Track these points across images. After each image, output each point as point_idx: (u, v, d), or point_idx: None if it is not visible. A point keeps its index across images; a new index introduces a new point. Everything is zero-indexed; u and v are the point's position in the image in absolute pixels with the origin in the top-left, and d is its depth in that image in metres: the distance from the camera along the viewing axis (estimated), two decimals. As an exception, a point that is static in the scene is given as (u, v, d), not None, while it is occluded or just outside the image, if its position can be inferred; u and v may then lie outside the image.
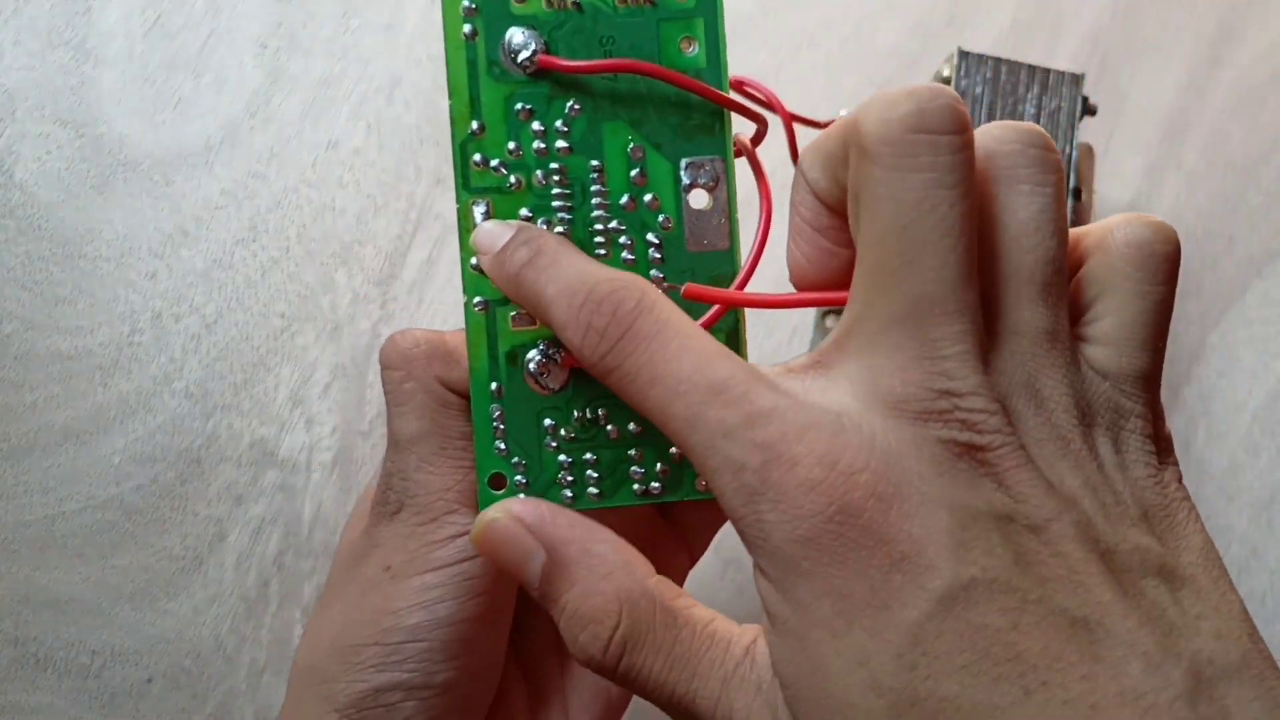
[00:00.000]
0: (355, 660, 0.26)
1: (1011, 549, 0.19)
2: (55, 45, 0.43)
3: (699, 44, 0.25)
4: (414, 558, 0.26)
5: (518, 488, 0.25)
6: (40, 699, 0.38)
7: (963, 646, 0.19)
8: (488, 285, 0.25)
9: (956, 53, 0.37)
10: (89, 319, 0.41)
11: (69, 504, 0.40)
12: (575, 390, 0.25)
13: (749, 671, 0.21)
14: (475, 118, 0.24)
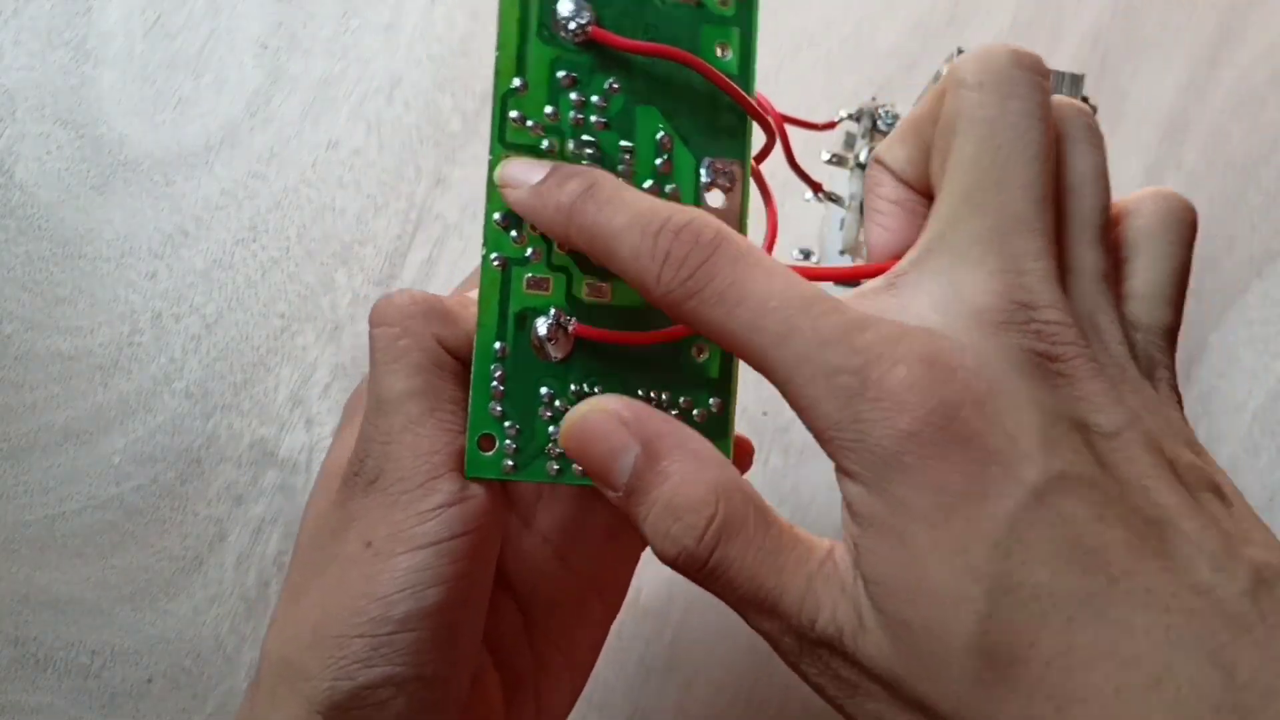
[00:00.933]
0: (339, 654, 0.24)
1: (1092, 450, 0.20)
2: (55, 45, 0.43)
3: (733, 51, 0.26)
4: (398, 532, 0.25)
5: (506, 452, 0.25)
6: (40, 699, 0.38)
7: (1053, 536, 0.20)
8: (508, 242, 0.25)
9: (956, 53, 0.37)
10: (89, 319, 0.41)
11: (69, 504, 0.40)
12: (577, 363, 0.25)
13: (833, 571, 0.22)
14: (519, 74, 0.25)
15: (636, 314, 0.26)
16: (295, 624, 0.26)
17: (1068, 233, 0.23)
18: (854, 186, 0.38)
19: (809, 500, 0.42)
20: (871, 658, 0.21)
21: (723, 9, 0.26)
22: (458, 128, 0.44)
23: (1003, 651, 0.20)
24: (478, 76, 0.45)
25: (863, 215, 0.38)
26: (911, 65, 0.46)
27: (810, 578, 0.22)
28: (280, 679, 0.25)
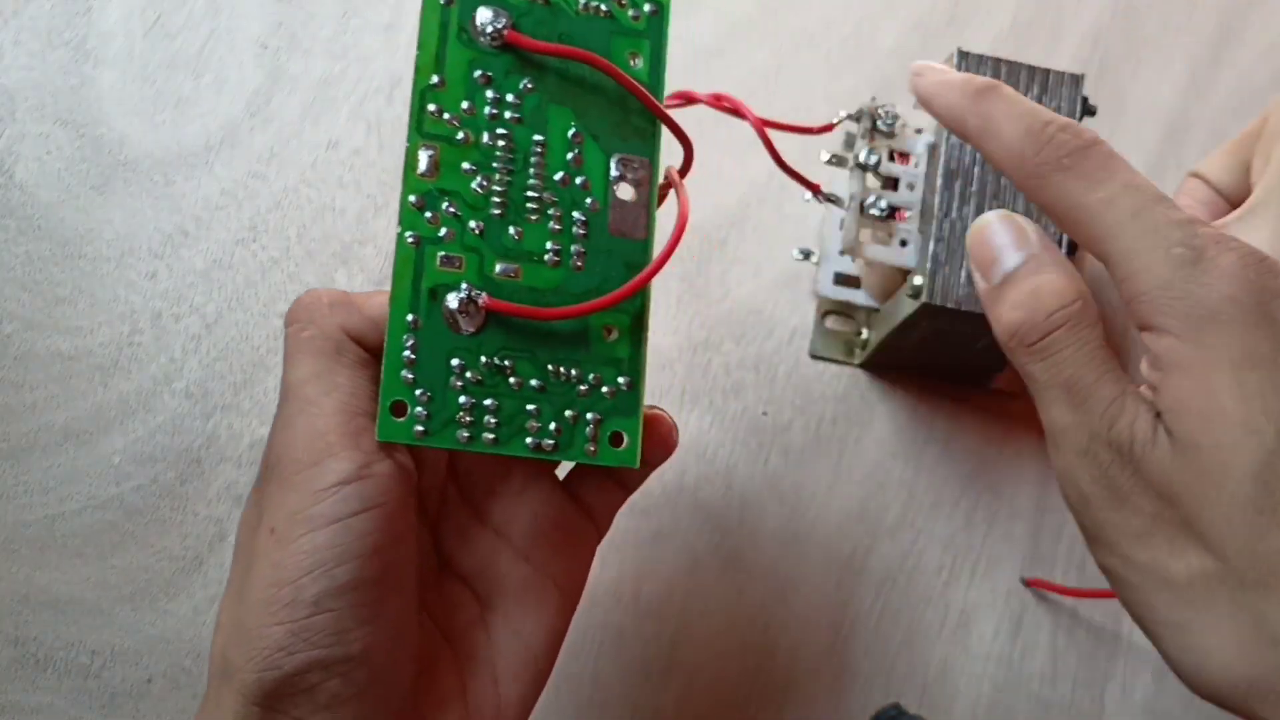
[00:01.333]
0: (262, 645, 0.24)
1: None
2: (55, 45, 0.43)
3: (644, 60, 0.28)
4: (296, 513, 0.25)
5: (417, 419, 0.26)
6: (40, 699, 0.38)
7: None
8: (423, 222, 0.26)
9: (956, 53, 0.37)
10: (89, 319, 0.41)
11: (69, 504, 0.40)
12: (488, 336, 0.27)
13: (1141, 395, 0.25)
14: (438, 72, 0.27)
15: (547, 294, 0.27)
16: (232, 623, 0.26)
17: None
18: (854, 186, 0.38)
19: (809, 500, 0.42)
20: (1156, 469, 0.24)
21: (634, 23, 0.28)
22: (458, 128, 0.44)
23: (1279, 484, 0.23)
24: (478, 76, 0.45)
25: (863, 215, 0.38)
26: (911, 65, 0.46)
27: (1124, 390, 0.25)
28: (220, 677, 0.26)
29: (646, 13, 0.28)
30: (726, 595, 0.42)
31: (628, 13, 0.28)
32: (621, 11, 0.28)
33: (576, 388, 0.27)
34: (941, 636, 0.42)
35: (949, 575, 0.42)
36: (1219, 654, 0.24)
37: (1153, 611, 0.25)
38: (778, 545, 0.42)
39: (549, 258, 0.28)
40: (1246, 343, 0.23)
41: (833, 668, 0.41)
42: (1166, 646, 0.25)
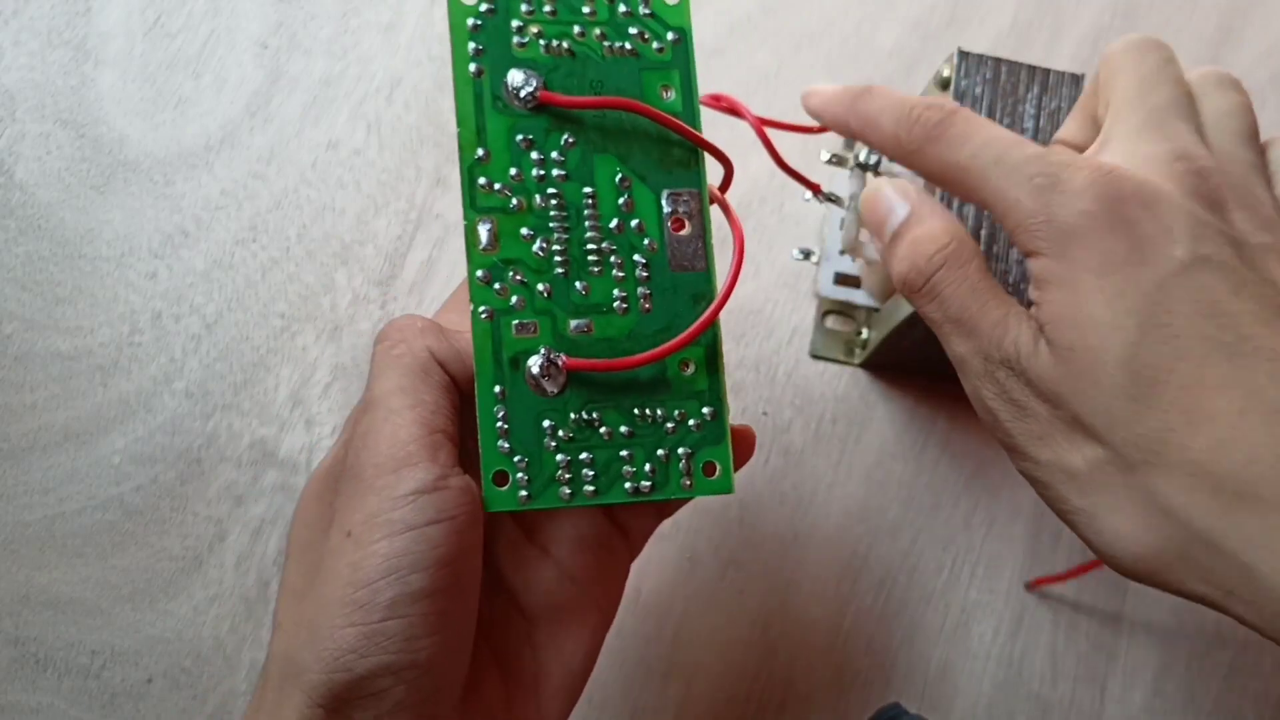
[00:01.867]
0: (333, 647, 0.25)
1: (1233, 248, 0.26)
2: (55, 45, 0.43)
3: (675, 91, 0.28)
4: (374, 517, 0.25)
5: (520, 484, 0.27)
6: (40, 699, 0.38)
7: (1194, 298, 0.25)
8: (492, 295, 0.27)
9: (956, 53, 0.37)
10: (89, 319, 0.41)
11: (69, 504, 0.40)
12: (572, 393, 0.27)
13: (1021, 313, 0.28)
14: (481, 145, 0.27)
15: (621, 341, 0.28)
16: (295, 622, 0.26)
17: (1210, 135, 0.29)
18: (854, 186, 0.38)
19: (809, 500, 0.42)
20: (1040, 376, 0.27)
21: (659, 55, 0.28)
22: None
23: (1146, 373, 0.25)
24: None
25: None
26: (911, 65, 0.46)
27: (1006, 313, 0.28)
28: (284, 676, 0.26)
29: (670, 41, 0.28)
30: (726, 595, 0.42)
31: (652, 46, 0.28)
32: (646, 46, 0.28)
33: (664, 426, 0.28)
34: (941, 636, 0.42)
35: (949, 575, 0.42)
36: (1125, 532, 0.26)
37: (1065, 503, 0.27)
38: (778, 545, 0.42)
39: (618, 305, 0.28)
40: (1104, 249, 0.26)
41: (833, 668, 0.41)
42: (1083, 533, 0.27)
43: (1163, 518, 0.25)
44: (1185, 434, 0.25)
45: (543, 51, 0.27)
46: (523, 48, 0.27)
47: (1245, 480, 0.24)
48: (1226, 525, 0.24)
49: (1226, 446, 0.24)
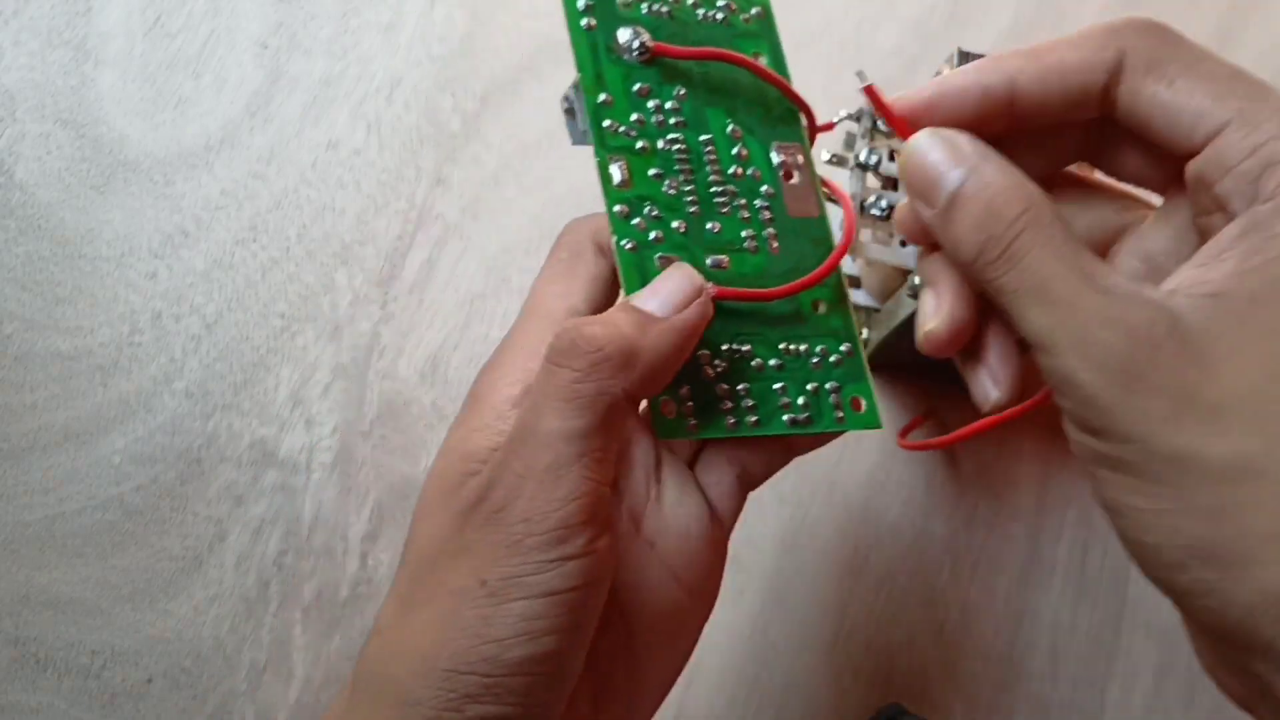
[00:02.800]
0: (451, 688, 0.24)
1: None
2: (55, 45, 0.43)
3: (766, 56, 0.30)
4: (517, 577, 0.24)
5: (685, 414, 0.27)
6: (40, 699, 0.38)
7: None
8: (633, 229, 0.28)
9: (956, 53, 0.37)
10: (89, 319, 0.41)
11: (69, 504, 0.40)
12: (720, 325, 0.28)
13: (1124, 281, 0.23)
14: (602, 90, 0.28)
15: (753, 279, 0.29)
16: (403, 643, 0.25)
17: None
18: (854, 186, 0.38)
19: (809, 500, 0.42)
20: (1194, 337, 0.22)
21: (746, 25, 0.30)
22: (458, 128, 0.44)
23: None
24: (478, 76, 0.45)
25: (864, 214, 0.38)
26: (911, 65, 0.46)
27: (1105, 294, 0.23)
28: (384, 696, 0.25)
29: (755, 15, 0.30)
30: (726, 595, 0.41)
31: (739, 17, 0.30)
32: (735, 17, 0.30)
33: (809, 361, 0.29)
34: (941, 636, 0.42)
35: (949, 575, 0.42)
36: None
37: (1195, 499, 0.22)
38: (778, 545, 0.42)
39: (748, 244, 0.29)
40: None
41: (833, 668, 0.41)
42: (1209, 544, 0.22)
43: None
44: None
45: (644, 13, 0.29)
46: (627, 8, 0.29)
47: None
48: None
49: None
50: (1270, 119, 0.22)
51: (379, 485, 0.41)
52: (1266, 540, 0.21)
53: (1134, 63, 0.24)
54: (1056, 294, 0.23)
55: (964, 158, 0.25)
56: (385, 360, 0.42)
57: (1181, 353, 0.22)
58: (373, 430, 0.41)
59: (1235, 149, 0.23)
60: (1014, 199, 0.25)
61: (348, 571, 0.41)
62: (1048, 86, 0.25)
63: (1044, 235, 0.24)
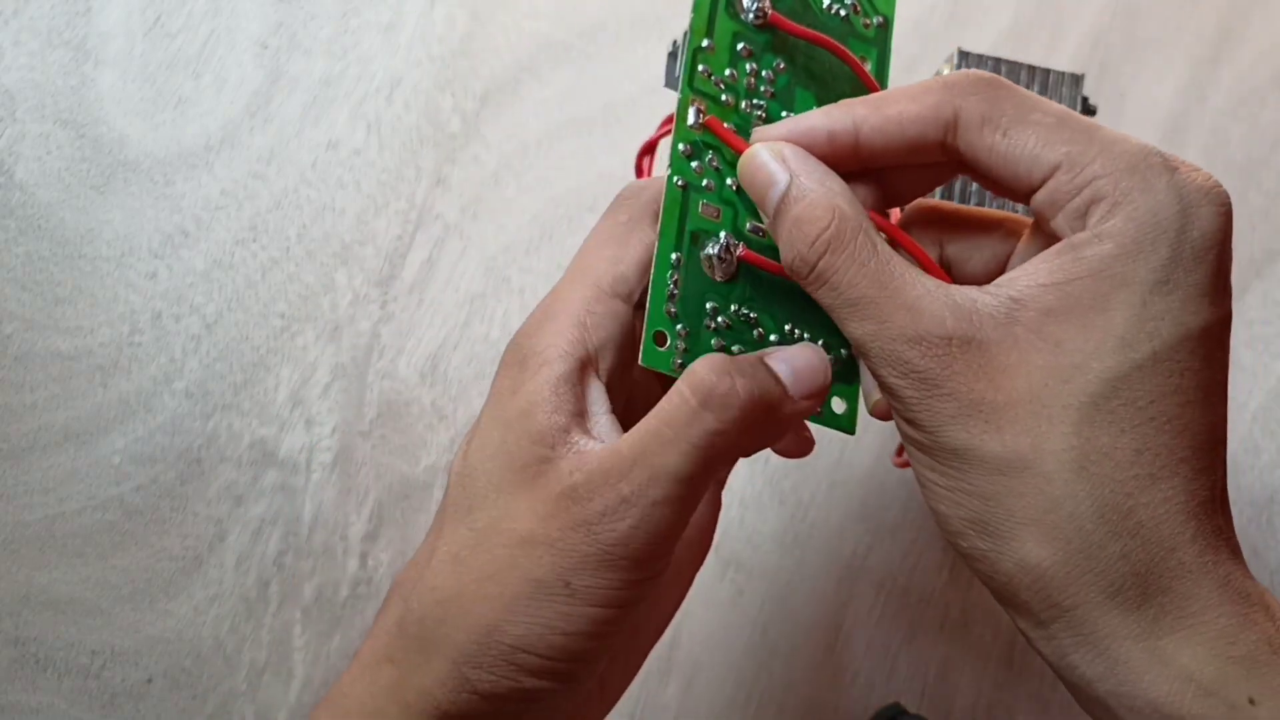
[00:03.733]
0: (513, 661, 0.26)
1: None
2: (55, 45, 0.43)
3: (871, 65, 0.31)
4: (601, 589, 0.25)
5: (675, 351, 0.28)
6: (40, 699, 0.38)
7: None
8: (690, 169, 0.28)
9: (956, 53, 0.37)
10: (89, 319, 0.41)
11: (69, 504, 0.40)
12: (738, 287, 0.28)
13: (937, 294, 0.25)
14: (709, 36, 0.29)
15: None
16: (462, 605, 0.26)
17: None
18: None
19: (809, 500, 0.42)
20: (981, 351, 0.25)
21: (865, 30, 0.30)
22: (458, 128, 0.44)
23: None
24: (478, 76, 0.45)
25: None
26: (911, 65, 0.46)
27: (917, 293, 0.25)
28: (439, 653, 0.26)
29: (876, 24, 0.31)
30: (726, 595, 0.42)
31: (861, 20, 0.30)
32: (857, 18, 0.30)
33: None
34: (941, 636, 0.42)
35: (949, 575, 0.42)
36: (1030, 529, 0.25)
37: (969, 492, 0.25)
38: (778, 545, 0.42)
39: None
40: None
41: (833, 668, 0.41)
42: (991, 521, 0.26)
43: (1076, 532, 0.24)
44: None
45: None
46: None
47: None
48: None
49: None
50: (1095, 160, 0.25)
51: (379, 485, 0.41)
52: (1026, 523, 0.24)
53: (969, 118, 0.26)
54: (865, 311, 0.26)
55: (785, 169, 0.27)
56: (385, 360, 0.42)
57: (972, 365, 0.25)
58: (373, 430, 0.41)
59: (1064, 189, 0.25)
60: (819, 215, 0.26)
61: (348, 571, 0.41)
62: (888, 137, 0.27)
63: (847, 254, 0.26)
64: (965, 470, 0.25)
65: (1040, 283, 0.25)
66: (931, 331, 0.25)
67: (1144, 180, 0.24)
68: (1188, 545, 0.24)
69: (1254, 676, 0.23)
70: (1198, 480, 0.24)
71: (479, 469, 0.27)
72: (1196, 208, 0.24)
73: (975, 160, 0.26)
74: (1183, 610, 0.24)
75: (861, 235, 0.26)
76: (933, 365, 0.25)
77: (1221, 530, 0.24)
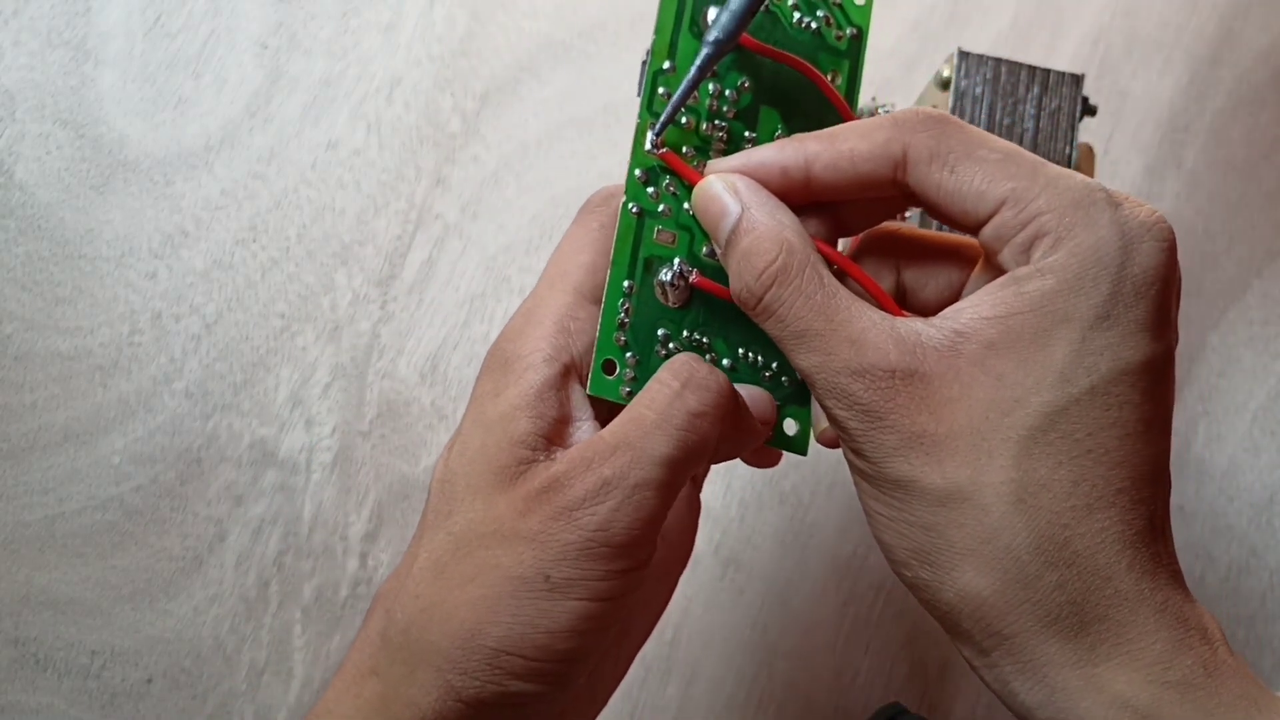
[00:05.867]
0: (497, 665, 0.25)
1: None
2: (55, 45, 0.43)
3: (842, 78, 0.30)
4: (581, 578, 0.25)
5: (624, 380, 0.28)
6: (40, 699, 0.38)
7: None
8: (646, 196, 0.28)
9: (956, 53, 0.37)
10: (89, 319, 0.41)
11: (69, 504, 0.40)
12: (692, 313, 0.28)
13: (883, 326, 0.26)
14: (670, 58, 0.28)
15: None
16: (444, 611, 0.26)
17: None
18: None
19: (809, 500, 0.42)
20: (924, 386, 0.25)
21: (837, 43, 0.30)
22: (457, 128, 0.44)
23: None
24: (478, 76, 0.45)
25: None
26: (911, 65, 0.46)
27: (862, 326, 0.26)
28: (423, 661, 0.26)
29: (849, 35, 0.30)
30: (726, 595, 0.42)
31: (833, 32, 0.30)
32: (829, 31, 0.30)
33: (761, 372, 0.29)
34: (942, 636, 0.42)
35: (949, 575, 0.42)
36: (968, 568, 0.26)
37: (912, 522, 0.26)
38: (778, 545, 0.42)
39: None
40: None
41: (833, 668, 0.41)
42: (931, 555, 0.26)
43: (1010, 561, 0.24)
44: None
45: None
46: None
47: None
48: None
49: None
50: (1039, 196, 0.25)
51: (379, 485, 0.41)
52: (965, 554, 0.25)
53: (917, 155, 0.26)
54: (810, 344, 0.26)
55: (736, 202, 0.27)
56: (385, 360, 0.42)
57: (915, 397, 0.25)
58: (373, 430, 0.41)
59: (1009, 225, 0.25)
60: (766, 249, 0.26)
61: (348, 571, 0.41)
62: (840, 172, 0.27)
63: (793, 287, 0.26)
64: (908, 501, 0.25)
65: (984, 316, 0.25)
66: (875, 365, 0.25)
67: (1087, 216, 0.24)
68: (1124, 574, 0.24)
69: (1188, 701, 0.24)
70: (1135, 510, 0.24)
71: (458, 473, 0.27)
72: (1138, 243, 0.24)
73: (924, 196, 0.26)
74: (1119, 637, 0.24)
75: (809, 269, 0.26)
76: (876, 398, 0.25)
77: (1160, 557, 0.25)
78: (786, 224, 0.27)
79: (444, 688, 0.26)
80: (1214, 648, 0.24)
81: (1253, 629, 0.42)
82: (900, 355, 0.25)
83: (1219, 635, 0.24)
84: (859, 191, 0.27)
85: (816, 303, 0.26)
